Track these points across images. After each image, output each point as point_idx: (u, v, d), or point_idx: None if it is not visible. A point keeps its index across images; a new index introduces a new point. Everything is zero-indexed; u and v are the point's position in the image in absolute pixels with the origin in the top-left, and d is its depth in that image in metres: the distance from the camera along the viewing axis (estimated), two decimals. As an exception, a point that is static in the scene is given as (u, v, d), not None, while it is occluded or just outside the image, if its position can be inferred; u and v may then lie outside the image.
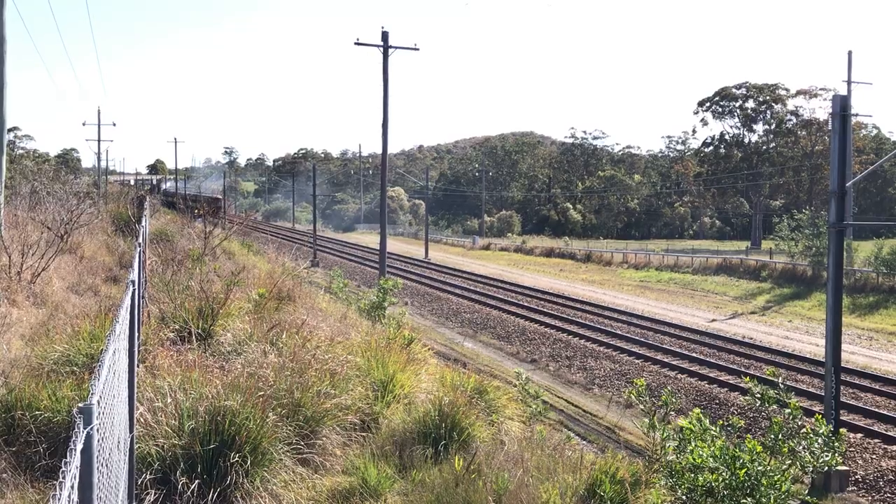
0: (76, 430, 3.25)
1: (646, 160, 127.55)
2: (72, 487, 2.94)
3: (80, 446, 3.17)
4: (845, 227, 16.41)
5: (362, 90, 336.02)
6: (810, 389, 21.23)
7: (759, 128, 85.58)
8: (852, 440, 17.38)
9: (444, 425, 8.85)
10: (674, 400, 9.08)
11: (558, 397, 21.27)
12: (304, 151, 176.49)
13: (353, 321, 16.35)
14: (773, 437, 8.26)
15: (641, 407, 9.16)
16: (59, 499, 2.68)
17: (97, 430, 3.55)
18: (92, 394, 3.68)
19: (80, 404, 3.39)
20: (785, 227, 48.01)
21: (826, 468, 8.41)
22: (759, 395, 9.05)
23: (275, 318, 12.49)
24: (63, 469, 2.89)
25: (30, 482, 6.87)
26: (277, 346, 10.57)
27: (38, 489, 6.77)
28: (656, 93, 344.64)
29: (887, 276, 38.18)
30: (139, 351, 8.99)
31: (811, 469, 8.42)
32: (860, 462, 16.33)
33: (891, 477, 15.55)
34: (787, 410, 8.68)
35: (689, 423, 8.67)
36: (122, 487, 5.37)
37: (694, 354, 26.08)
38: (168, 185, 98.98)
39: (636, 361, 25.54)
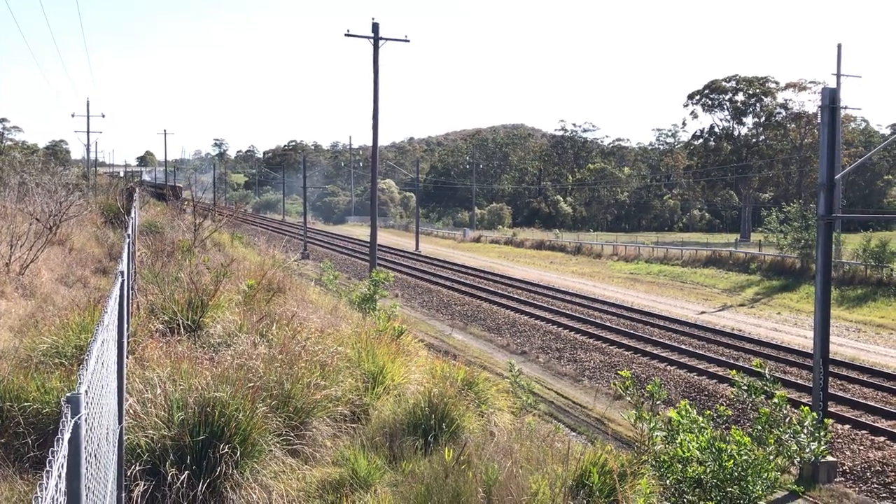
0: (64, 419, 3.24)
1: (636, 153, 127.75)
2: (59, 476, 2.93)
3: (67, 435, 3.17)
4: (834, 219, 16.49)
5: (353, 83, 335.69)
6: (799, 381, 21.37)
7: (749, 121, 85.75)
8: (840, 431, 17.51)
9: (434, 416, 8.87)
10: (659, 391, 9.12)
11: (548, 389, 21.35)
12: (294, 144, 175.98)
13: (343, 313, 16.34)
14: (759, 427, 8.32)
15: (629, 399, 9.19)
16: (46, 487, 2.68)
17: (85, 420, 3.54)
18: (80, 383, 3.67)
19: (68, 394, 3.39)
20: (774, 219, 48.10)
21: (813, 458, 8.47)
22: (745, 387, 9.11)
23: (265, 310, 12.46)
24: (50, 458, 2.89)
25: (18, 473, 6.86)
26: (267, 337, 10.55)
27: (27, 480, 6.76)
28: (646, 86, 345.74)
29: (875, 269, 38.39)
30: (128, 342, 8.98)
31: (798, 458, 8.48)
32: (847, 453, 16.46)
33: (878, 468, 15.68)
34: (774, 401, 8.73)
35: (678, 414, 8.70)
36: (112, 478, 5.37)
37: (683, 346, 26.18)
38: (146, 177, 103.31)
39: (626, 353, 25.63)
